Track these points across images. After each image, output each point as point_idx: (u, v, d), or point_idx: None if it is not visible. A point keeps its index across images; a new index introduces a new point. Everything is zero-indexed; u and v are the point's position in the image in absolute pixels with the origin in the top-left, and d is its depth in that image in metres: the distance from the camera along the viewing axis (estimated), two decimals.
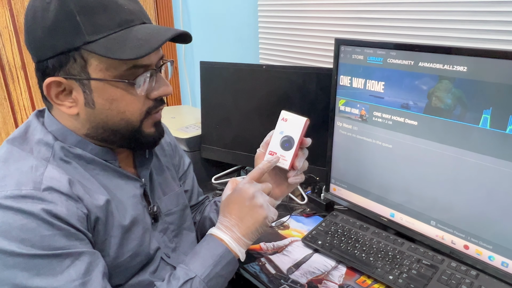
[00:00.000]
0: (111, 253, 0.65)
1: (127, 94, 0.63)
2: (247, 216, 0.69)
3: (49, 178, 0.59)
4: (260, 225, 0.70)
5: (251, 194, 0.69)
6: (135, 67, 0.61)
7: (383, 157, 0.91)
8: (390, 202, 0.93)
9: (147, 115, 0.67)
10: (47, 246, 0.56)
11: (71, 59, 0.59)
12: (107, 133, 0.66)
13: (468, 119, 0.75)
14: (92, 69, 0.60)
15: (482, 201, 0.77)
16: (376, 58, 0.87)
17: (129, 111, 0.64)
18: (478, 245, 0.80)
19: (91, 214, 0.62)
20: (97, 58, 0.59)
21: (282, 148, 0.74)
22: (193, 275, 0.67)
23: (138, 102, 0.65)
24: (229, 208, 0.71)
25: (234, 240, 0.70)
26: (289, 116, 0.74)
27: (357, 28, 1.19)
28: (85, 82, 0.61)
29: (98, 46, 0.58)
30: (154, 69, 0.65)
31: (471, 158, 0.76)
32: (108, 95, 0.62)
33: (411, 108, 0.83)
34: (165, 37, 0.60)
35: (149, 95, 0.66)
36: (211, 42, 1.77)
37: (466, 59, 0.73)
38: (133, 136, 0.67)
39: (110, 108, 0.63)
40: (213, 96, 1.29)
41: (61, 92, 0.62)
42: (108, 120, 0.64)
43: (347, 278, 0.84)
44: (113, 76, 0.61)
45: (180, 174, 0.91)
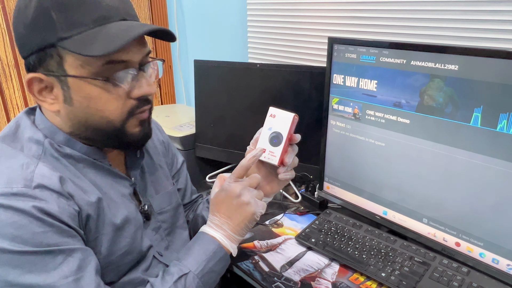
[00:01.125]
0: (103, 251, 0.65)
1: (105, 92, 0.61)
2: (235, 214, 0.71)
3: (40, 175, 0.59)
4: (249, 221, 0.72)
5: (237, 193, 0.71)
6: (110, 63, 0.60)
7: (376, 156, 0.92)
8: (383, 200, 0.94)
9: (129, 116, 0.65)
10: (39, 243, 0.56)
11: (48, 55, 0.59)
12: (89, 132, 0.65)
13: (460, 117, 0.75)
14: (68, 66, 0.59)
15: (473, 199, 0.78)
16: (369, 56, 0.87)
17: (108, 110, 0.62)
18: (469, 242, 0.80)
19: (82, 212, 0.62)
20: (72, 55, 0.58)
21: (271, 144, 0.74)
22: (187, 270, 0.68)
23: (117, 101, 0.62)
24: (218, 207, 0.72)
25: (225, 237, 0.71)
26: (277, 112, 0.74)
27: (350, 27, 1.19)
28: (63, 79, 0.60)
29: (71, 43, 0.57)
30: (136, 68, 0.63)
31: (462, 156, 0.77)
32: (85, 93, 0.61)
33: (403, 107, 0.84)
34: (137, 33, 0.58)
35: (131, 95, 0.64)
36: (205, 40, 1.77)
37: (458, 58, 0.74)
38: (117, 135, 0.65)
39: (88, 106, 0.62)
40: (207, 95, 1.29)
41: (44, 88, 0.62)
42: (87, 118, 0.63)
43: (340, 275, 0.85)
44: (89, 73, 0.60)
45: (173, 172, 0.91)
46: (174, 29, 1.83)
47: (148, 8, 1.82)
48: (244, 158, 0.74)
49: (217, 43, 1.70)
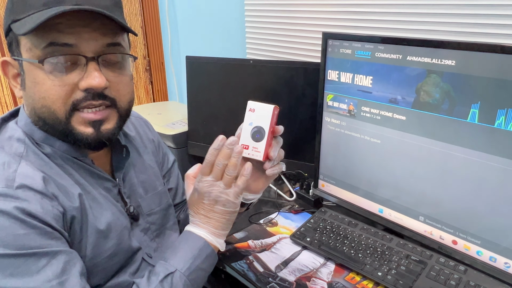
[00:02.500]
0: (88, 253, 0.63)
1: (50, 79, 0.58)
2: (211, 212, 0.69)
3: (23, 175, 0.57)
4: (229, 214, 0.69)
5: (208, 191, 0.68)
6: (52, 45, 0.56)
7: (372, 153, 0.90)
8: (378, 198, 0.93)
9: (74, 109, 0.60)
10: (21, 245, 0.53)
11: (12, 39, 0.60)
12: (40, 122, 0.62)
13: (457, 114, 0.74)
14: (22, 49, 0.59)
15: (470, 196, 0.76)
16: (364, 52, 0.86)
17: (49, 98, 0.59)
18: (466, 240, 0.79)
19: (67, 213, 0.60)
20: (23, 38, 0.58)
21: (253, 140, 0.72)
22: (173, 269, 0.65)
23: (60, 89, 0.58)
24: (195, 208, 0.71)
25: (210, 234, 0.70)
26: (256, 106, 0.72)
27: (345, 22, 1.18)
28: (20, 63, 0.60)
29: (19, 25, 0.57)
30: (89, 57, 0.58)
31: (459, 153, 0.75)
32: (32, 77, 0.60)
33: (399, 103, 0.82)
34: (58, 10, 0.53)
35: (78, 85, 0.59)
36: (197, 36, 1.74)
37: (455, 53, 0.72)
38: (63, 130, 0.61)
39: (33, 91, 0.60)
40: (200, 92, 1.27)
41: (17, 75, 0.62)
42: (34, 105, 0.61)
43: (336, 275, 0.83)
44: (36, 56, 0.58)
45: (164, 172, 0.89)
46: (166, 25, 1.80)
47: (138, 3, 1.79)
48: (207, 153, 0.68)
49: (211, 39, 1.68)
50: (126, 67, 0.65)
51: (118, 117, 0.65)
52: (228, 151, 0.67)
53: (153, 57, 1.88)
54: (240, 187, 0.69)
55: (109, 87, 0.61)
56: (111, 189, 0.71)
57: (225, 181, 0.68)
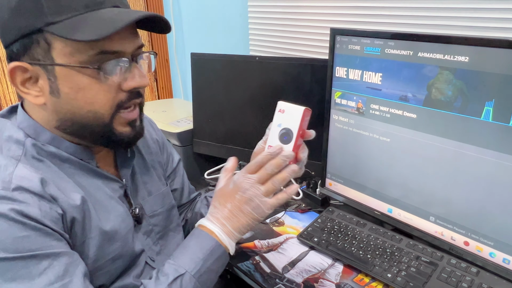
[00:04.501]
0: (91, 255, 0.62)
1: (96, 83, 0.58)
2: (240, 210, 0.66)
3: (19, 177, 0.55)
4: (253, 220, 0.67)
5: (246, 188, 0.66)
6: (103, 53, 0.56)
7: (381, 151, 0.88)
8: (387, 197, 0.91)
9: (118, 110, 0.61)
10: (21, 248, 0.52)
11: (34, 42, 0.55)
12: (76, 127, 0.61)
13: (470, 112, 0.72)
14: (56, 54, 0.56)
15: (483, 196, 0.74)
16: (374, 48, 0.84)
17: (97, 103, 0.59)
18: (479, 242, 0.77)
19: (67, 214, 0.58)
20: (61, 41, 0.55)
21: (281, 142, 0.69)
22: (183, 271, 0.63)
23: (108, 92, 0.59)
24: (222, 200, 0.67)
25: (224, 233, 0.66)
26: (286, 107, 0.69)
27: (354, 18, 1.15)
28: (50, 68, 0.57)
29: (61, 27, 0.54)
30: (128, 58, 0.60)
31: (472, 152, 0.73)
32: (73, 83, 0.57)
33: (409, 101, 0.80)
34: (131, 18, 0.55)
35: (122, 86, 0.60)
36: (202, 33, 1.72)
37: (468, 49, 0.70)
38: (104, 132, 0.62)
39: (76, 97, 0.58)
40: (205, 89, 1.25)
41: (28, 79, 0.58)
42: (74, 111, 0.59)
43: (344, 276, 0.82)
44: (79, 62, 0.56)
45: (168, 172, 0.88)
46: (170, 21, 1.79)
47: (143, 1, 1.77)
48: (260, 155, 0.68)
49: (216, 35, 1.66)
50: (150, 66, 0.68)
51: (141, 114, 0.68)
52: (282, 162, 0.66)
53: (158, 54, 1.87)
54: (279, 202, 0.67)
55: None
56: (117, 190, 0.69)
57: (267, 188, 0.66)
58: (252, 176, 0.66)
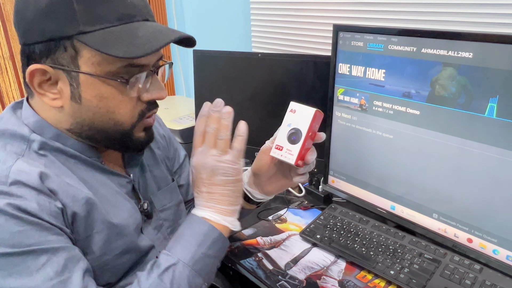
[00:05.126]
0: (96, 250, 0.61)
1: (119, 94, 0.58)
2: (214, 184, 0.64)
3: (17, 171, 0.55)
4: (232, 184, 0.64)
5: (203, 162, 0.63)
6: (130, 66, 0.57)
7: (384, 148, 0.88)
8: (390, 194, 0.91)
9: (140, 119, 0.63)
10: (18, 243, 0.51)
11: (61, 47, 0.55)
12: (92, 132, 0.61)
13: (474, 108, 0.71)
14: (83, 62, 0.56)
15: (487, 193, 0.74)
16: (377, 44, 0.83)
17: (119, 112, 0.60)
18: (482, 239, 0.77)
19: (67, 209, 0.58)
20: (90, 51, 0.55)
21: (289, 142, 0.68)
22: (175, 260, 0.61)
23: (130, 103, 0.60)
24: (195, 188, 0.66)
25: (215, 212, 0.64)
26: (297, 107, 0.69)
27: (357, 14, 1.15)
28: (73, 74, 0.56)
29: (93, 38, 0.53)
30: (151, 70, 0.61)
31: (476, 149, 0.73)
32: (97, 92, 0.57)
33: (413, 97, 0.80)
34: (168, 39, 0.56)
35: (142, 97, 0.61)
36: (204, 30, 1.72)
37: (472, 45, 0.70)
38: (121, 139, 0.63)
39: (98, 105, 0.59)
40: (207, 86, 1.25)
41: (46, 81, 0.58)
42: (95, 118, 0.60)
43: (346, 273, 0.82)
44: (105, 72, 0.56)
45: (175, 167, 0.88)
46: (172, 17, 1.79)
47: None
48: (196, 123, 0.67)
49: (218, 32, 1.66)
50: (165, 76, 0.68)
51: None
52: (216, 115, 0.64)
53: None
54: (237, 149, 0.64)
55: None
56: (125, 185, 0.69)
57: (219, 147, 0.63)
58: (200, 149, 0.64)
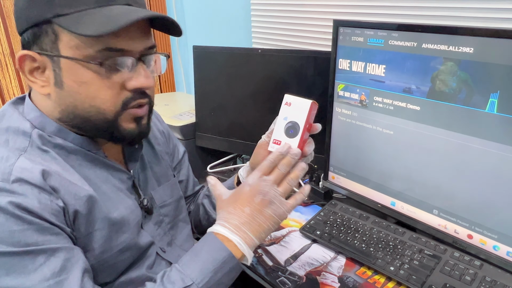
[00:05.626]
0: (97, 248, 0.61)
1: (98, 79, 0.57)
2: (261, 213, 0.62)
3: (20, 169, 0.55)
4: (274, 224, 0.63)
5: (266, 190, 0.62)
6: (108, 50, 0.56)
7: (384, 144, 0.88)
8: (390, 190, 0.90)
9: (124, 108, 0.60)
10: (17, 242, 0.51)
11: (43, 32, 0.56)
12: (78, 120, 0.61)
13: (474, 104, 0.71)
14: (62, 46, 0.56)
15: (488, 189, 0.74)
16: (377, 40, 0.83)
17: (99, 98, 0.58)
18: (483, 235, 0.77)
19: (69, 207, 0.58)
20: (68, 34, 0.55)
21: (286, 136, 0.68)
22: (190, 282, 0.59)
23: (110, 90, 0.58)
24: (238, 204, 0.62)
25: (244, 241, 0.61)
26: (292, 100, 0.68)
27: (357, 9, 1.14)
28: (56, 59, 0.57)
29: (68, 20, 0.54)
30: (138, 58, 0.59)
31: (476, 145, 0.73)
32: (77, 76, 0.57)
33: (413, 93, 0.79)
34: (136, 17, 0.54)
35: (127, 86, 0.59)
36: (204, 26, 1.71)
37: (473, 40, 0.69)
38: (108, 128, 0.61)
39: (78, 91, 0.58)
40: (207, 82, 1.25)
41: (36, 69, 0.59)
42: (76, 104, 0.59)
43: (346, 269, 0.82)
44: (84, 56, 0.56)
45: (174, 163, 0.88)
46: (172, 13, 1.78)
47: None
48: (271, 155, 0.65)
49: (218, 28, 1.65)
50: (158, 68, 0.66)
51: (149, 114, 0.66)
52: (292, 161, 0.65)
53: (160, 48, 1.86)
54: (297, 202, 0.65)
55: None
56: (125, 181, 0.69)
57: (284, 188, 0.64)
58: (268, 178, 0.63)
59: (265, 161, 0.65)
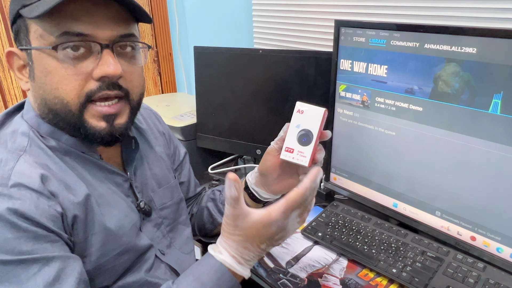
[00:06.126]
0: (94, 252, 0.60)
1: (62, 68, 0.55)
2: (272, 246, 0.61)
3: (19, 173, 0.54)
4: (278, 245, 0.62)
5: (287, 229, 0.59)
6: (66, 34, 0.54)
7: (386, 145, 0.87)
8: (393, 192, 0.90)
9: (88, 100, 0.57)
10: (11, 250, 0.51)
11: (20, 27, 0.57)
12: (50, 116, 0.59)
13: (477, 104, 0.70)
14: (31, 37, 0.56)
15: (491, 190, 0.73)
16: (379, 40, 0.82)
17: (62, 89, 0.56)
18: (486, 237, 0.76)
19: (67, 212, 0.57)
20: (34, 24, 0.55)
21: (299, 144, 0.66)
22: None
23: (73, 79, 0.56)
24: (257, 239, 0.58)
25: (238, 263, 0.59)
26: (305, 108, 0.67)
27: (358, 9, 1.13)
28: (29, 52, 0.57)
29: (29, 9, 0.54)
30: (101, 44, 0.56)
31: (479, 146, 0.72)
32: (43, 67, 0.56)
33: (415, 93, 0.79)
34: None
35: (93, 75, 0.57)
36: (205, 26, 1.71)
37: (476, 40, 0.68)
38: (76, 124, 0.58)
39: (45, 82, 0.57)
40: (208, 83, 1.24)
41: (23, 66, 0.60)
42: (45, 96, 0.58)
43: (348, 271, 0.81)
44: (47, 44, 0.55)
45: (175, 165, 0.87)
46: (173, 13, 1.77)
47: None
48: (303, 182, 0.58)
49: (219, 28, 1.65)
50: (138, 58, 0.63)
51: (130, 111, 0.62)
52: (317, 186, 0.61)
53: (161, 48, 1.86)
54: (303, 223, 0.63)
55: (123, 77, 0.59)
56: (121, 184, 0.68)
57: (303, 220, 0.61)
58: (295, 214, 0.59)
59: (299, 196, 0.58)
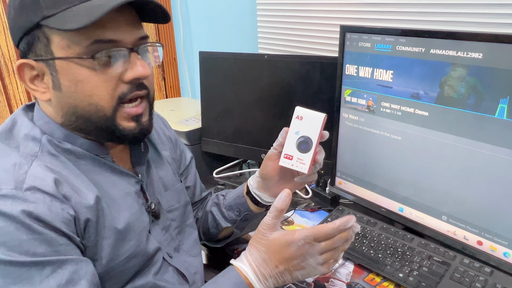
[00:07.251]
0: (104, 256, 0.61)
1: (94, 75, 0.57)
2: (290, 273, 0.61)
3: (33, 177, 0.55)
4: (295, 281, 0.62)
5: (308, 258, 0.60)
6: (98, 42, 0.55)
7: (392, 150, 0.87)
8: (398, 196, 0.90)
9: (120, 102, 0.60)
10: (25, 251, 0.51)
11: (35, 38, 0.56)
12: (80, 121, 0.60)
13: (483, 109, 0.71)
14: (55, 48, 0.56)
15: (497, 195, 0.73)
16: (384, 45, 0.83)
17: (96, 95, 0.58)
18: (493, 241, 0.76)
19: (80, 215, 0.58)
20: (58, 34, 0.55)
21: (299, 151, 0.66)
22: None
23: (107, 84, 0.58)
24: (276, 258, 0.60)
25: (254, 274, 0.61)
26: (304, 113, 0.66)
27: (364, 15, 1.14)
28: (51, 63, 0.57)
29: (55, 20, 0.54)
30: (130, 48, 0.58)
31: (486, 150, 0.72)
32: (73, 76, 0.57)
33: (421, 98, 0.79)
34: (116, 3, 0.53)
35: (123, 78, 0.59)
36: (210, 31, 1.72)
37: (482, 45, 0.69)
38: (108, 127, 0.61)
39: (76, 90, 0.58)
40: (213, 88, 1.25)
41: (36, 77, 0.59)
42: (76, 104, 0.59)
43: (355, 276, 0.81)
44: (76, 53, 0.56)
45: (181, 169, 0.88)
46: (178, 18, 1.79)
47: None
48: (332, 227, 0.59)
49: (224, 34, 1.66)
50: (152, 58, 0.66)
51: (149, 109, 0.65)
52: (350, 237, 0.61)
53: (165, 53, 1.87)
54: (329, 270, 0.63)
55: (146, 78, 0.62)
56: (133, 186, 0.69)
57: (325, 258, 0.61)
58: (318, 247, 0.59)
59: (326, 228, 0.59)
